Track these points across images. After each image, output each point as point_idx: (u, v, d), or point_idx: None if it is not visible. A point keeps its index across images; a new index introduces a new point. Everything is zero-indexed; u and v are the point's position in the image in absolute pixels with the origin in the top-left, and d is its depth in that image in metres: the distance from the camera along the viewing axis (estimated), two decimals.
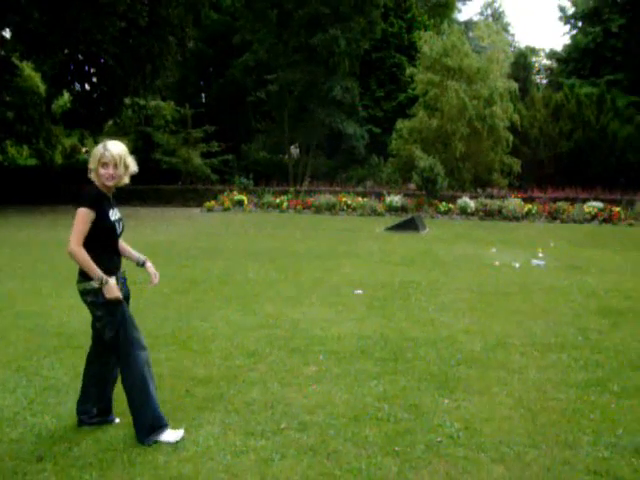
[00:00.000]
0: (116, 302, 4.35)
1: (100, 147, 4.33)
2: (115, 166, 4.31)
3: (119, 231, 4.53)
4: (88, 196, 4.32)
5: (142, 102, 37.06)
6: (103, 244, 4.40)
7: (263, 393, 5.28)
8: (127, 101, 35.89)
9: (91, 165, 4.35)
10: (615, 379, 5.65)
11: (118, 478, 3.86)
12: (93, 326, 4.59)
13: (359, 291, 9.55)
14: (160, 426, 4.40)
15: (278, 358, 6.26)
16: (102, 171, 4.31)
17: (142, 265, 4.87)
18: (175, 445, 4.29)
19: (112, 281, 4.32)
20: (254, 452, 4.21)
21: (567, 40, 64.26)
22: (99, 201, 4.35)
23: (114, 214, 4.48)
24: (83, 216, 4.24)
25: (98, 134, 37.27)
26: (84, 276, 4.33)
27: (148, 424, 4.38)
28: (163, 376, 5.65)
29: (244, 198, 29.77)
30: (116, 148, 4.35)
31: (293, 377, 5.68)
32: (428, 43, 34.44)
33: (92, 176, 4.37)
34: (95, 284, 4.27)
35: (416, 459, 4.10)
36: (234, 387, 5.42)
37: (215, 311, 8.33)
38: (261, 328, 7.46)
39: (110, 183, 4.36)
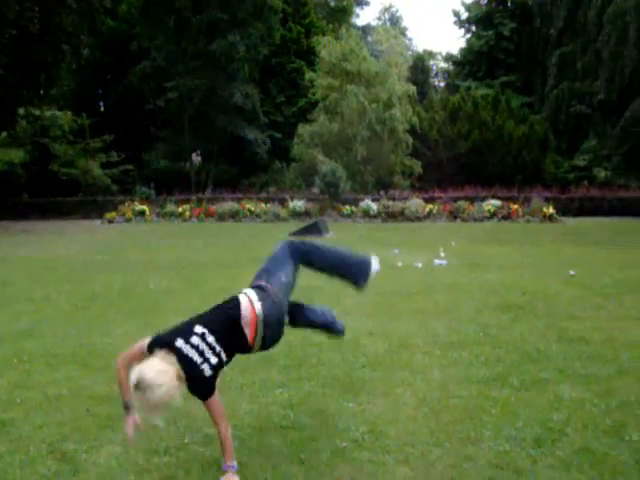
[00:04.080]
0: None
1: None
2: None
3: None
4: None
5: (37, 112, 35.79)
6: None
7: None
8: (21, 111, 34.68)
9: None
10: (515, 373, 5.77)
11: None
12: None
13: None
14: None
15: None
16: None
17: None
18: (75, 468, 4.13)
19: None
20: (157, 470, 4.08)
21: (462, 44, 66.13)
22: None
23: None
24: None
25: None
26: None
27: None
28: (62, 396, 5.44)
29: (146, 208, 29.28)
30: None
31: None
32: (327, 48, 34.78)
33: None
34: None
35: (322, 466, 4.07)
36: None
37: (116, 326, 8.09)
38: None
39: None
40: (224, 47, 36.57)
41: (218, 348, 3.84)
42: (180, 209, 29.19)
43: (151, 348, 3.79)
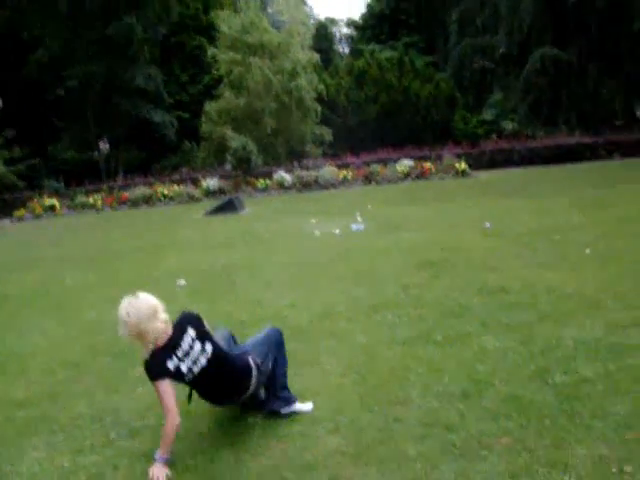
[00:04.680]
0: None
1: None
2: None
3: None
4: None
5: None
6: None
7: (89, 405, 4.98)
8: None
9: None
10: (438, 329, 5.81)
11: None
12: None
13: (182, 282, 9.27)
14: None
15: (103, 365, 5.94)
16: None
17: None
18: None
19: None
20: (84, 470, 3.93)
21: (363, 9, 66.15)
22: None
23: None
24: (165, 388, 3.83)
25: None
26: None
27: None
28: None
29: (55, 202, 28.37)
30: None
31: (120, 382, 5.41)
32: (226, 22, 34.28)
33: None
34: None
35: (254, 446, 3.99)
36: (58, 404, 5.07)
37: (32, 326, 7.81)
38: (83, 336, 7.07)
39: None
40: (121, 30, 35.63)
41: (197, 369, 3.94)
42: (91, 199, 28.40)
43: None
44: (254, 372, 4.14)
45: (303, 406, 4.39)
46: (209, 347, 3.98)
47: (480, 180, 24.72)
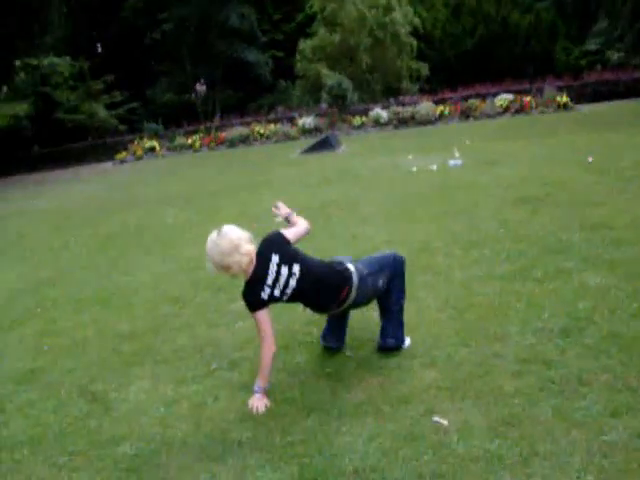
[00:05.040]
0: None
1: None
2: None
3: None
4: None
5: (34, 62, 35.12)
6: None
7: (191, 338, 5.16)
8: (18, 63, 34.11)
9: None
10: (538, 265, 5.69)
11: (51, 450, 3.71)
12: None
13: (279, 218, 9.36)
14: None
15: (203, 300, 6.14)
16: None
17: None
18: (106, 406, 4.15)
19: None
20: (187, 399, 4.10)
21: None
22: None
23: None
24: (262, 316, 3.90)
25: None
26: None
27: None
28: (88, 338, 5.50)
29: (155, 144, 29.06)
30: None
31: (220, 317, 5.57)
32: None
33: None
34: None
35: (349, 377, 4.05)
36: (161, 337, 5.29)
37: (135, 263, 8.12)
38: (184, 272, 7.30)
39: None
40: None
41: (289, 291, 3.98)
42: (190, 140, 28.92)
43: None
44: (354, 278, 4.09)
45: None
46: (296, 268, 3.96)
47: (583, 113, 23.80)
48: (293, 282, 3.95)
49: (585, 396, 3.43)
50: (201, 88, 35.38)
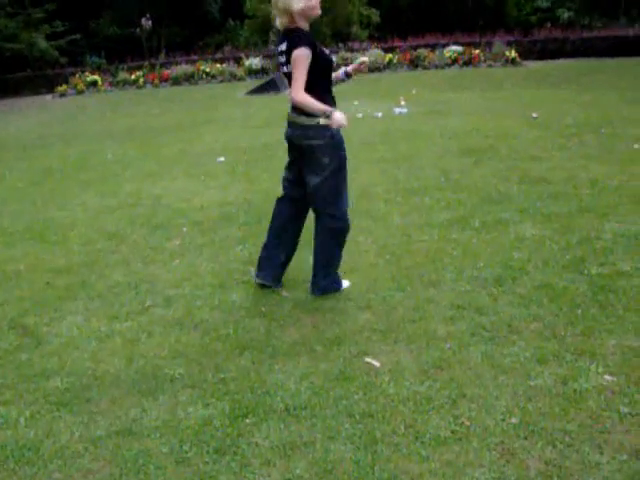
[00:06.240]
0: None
1: None
2: None
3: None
4: (305, 36, 3.86)
5: None
6: (322, 85, 4.01)
7: (126, 274, 5.09)
8: None
9: (296, 5, 3.83)
10: (476, 215, 5.76)
11: None
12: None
13: (222, 158, 9.28)
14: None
15: (140, 237, 6.04)
16: (314, 3, 3.91)
17: (349, 76, 4.40)
18: (37, 340, 4.07)
19: (336, 112, 3.84)
20: (120, 335, 4.05)
21: None
22: (313, 40, 3.89)
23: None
24: (305, 58, 3.79)
25: None
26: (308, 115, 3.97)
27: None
28: (20, 272, 5.35)
29: (98, 78, 28.15)
30: None
31: (157, 254, 5.50)
32: None
33: (290, 20, 3.92)
34: (323, 120, 3.88)
35: (284, 317, 4.06)
36: (96, 272, 5.19)
37: (73, 198, 7.92)
38: (122, 208, 7.18)
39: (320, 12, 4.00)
40: None
41: None
42: (133, 76, 28.12)
43: None
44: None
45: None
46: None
47: (530, 69, 23.95)
48: None
49: (514, 343, 3.51)
50: (147, 23, 34.44)
